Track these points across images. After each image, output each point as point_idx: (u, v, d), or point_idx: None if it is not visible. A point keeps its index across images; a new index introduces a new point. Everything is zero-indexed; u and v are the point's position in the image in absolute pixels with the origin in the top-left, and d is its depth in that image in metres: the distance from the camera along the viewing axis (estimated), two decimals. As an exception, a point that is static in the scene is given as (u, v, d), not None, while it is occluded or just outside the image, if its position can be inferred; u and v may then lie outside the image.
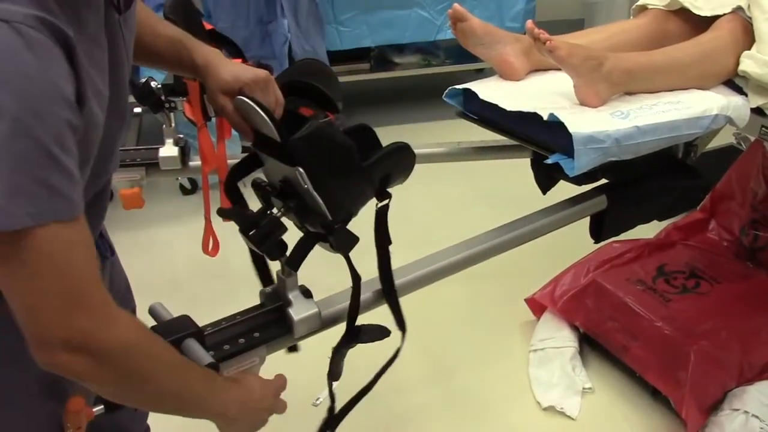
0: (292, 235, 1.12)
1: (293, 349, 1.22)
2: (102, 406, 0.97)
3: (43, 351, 0.81)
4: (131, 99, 1.78)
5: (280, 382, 1.10)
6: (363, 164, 1.09)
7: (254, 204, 1.16)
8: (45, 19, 0.76)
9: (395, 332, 1.21)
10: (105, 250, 1.15)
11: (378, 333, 1.19)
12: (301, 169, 1.03)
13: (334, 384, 1.21)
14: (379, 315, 1.23)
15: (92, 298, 0.81)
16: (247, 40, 3.30)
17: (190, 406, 0.96)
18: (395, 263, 1.22)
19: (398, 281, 1.23)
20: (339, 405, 1.23)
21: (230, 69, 1.15)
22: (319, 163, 1.04)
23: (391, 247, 1.19)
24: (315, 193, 1.04)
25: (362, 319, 1.20)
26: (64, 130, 0.77)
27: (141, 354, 0.87)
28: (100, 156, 0.93)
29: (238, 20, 3.30)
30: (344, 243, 1.08)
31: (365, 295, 1.21)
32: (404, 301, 1.24)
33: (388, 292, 1.22)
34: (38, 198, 0.75)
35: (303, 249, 1.10)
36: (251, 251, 1.20)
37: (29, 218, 0.74)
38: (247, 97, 1.09)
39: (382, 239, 1.17)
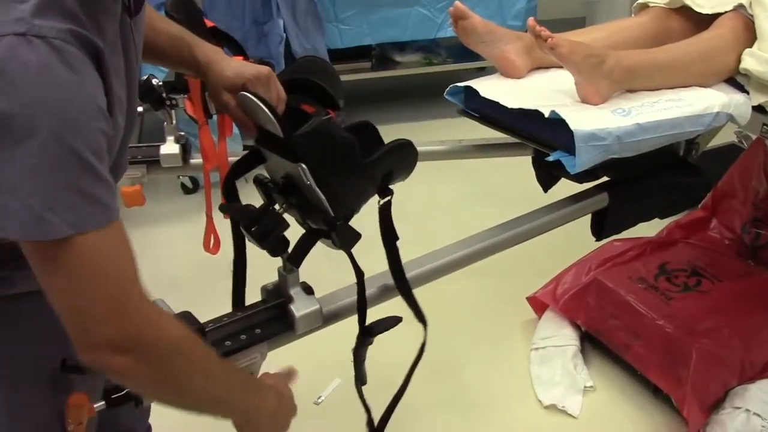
0: (294, 232, 1.12)
1: None
2: (103, 402, 0.98)
3: (88, 352, 0.83)
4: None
5: (294, 405, 1.10)
6: (365, 161, 1.09)
7: (256, 201, 1.16)
8: (76, 31, 0.78)
9: (402, 324, 1.21)
10: None
11: (390, 322, 1.18)
12: (303, 166, 1.03)
13: (335, 383, 1.21)
14: (384, 310, 1.23)
15: (133, 300, 0.84)
16: (243, 41, 3.28)
17: (223, 408, 0.98)
18: (396, 261, 1.22)
19: (401, 278, 1.23)
20: (340, 401, 1.22)
21: (232, 65, 1.15)
22: (321, 159, 1.04)
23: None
24: (317, 190, 1.04)
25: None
26: (100, 139, 0.80)
27: (181, 353, 0.89)
28: (115, 159, 0.95)
29: (233, 21, 3.29)
30: (346, 239, 1.08)
31: (369, 291, 1.21)
32: (406, 299, 1.24)
33: (402, 287, 1.21)
34: (77, 207, 0.77)
35: (305, 245, 1.10)
36: (234, 261, 1.20)
37: (69, 227, 0.77)
38: (250, 93, 1.09)
39: (389, 235, 1.16)
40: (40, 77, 0.74)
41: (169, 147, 1.73)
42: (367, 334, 1.17)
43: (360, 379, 1.21)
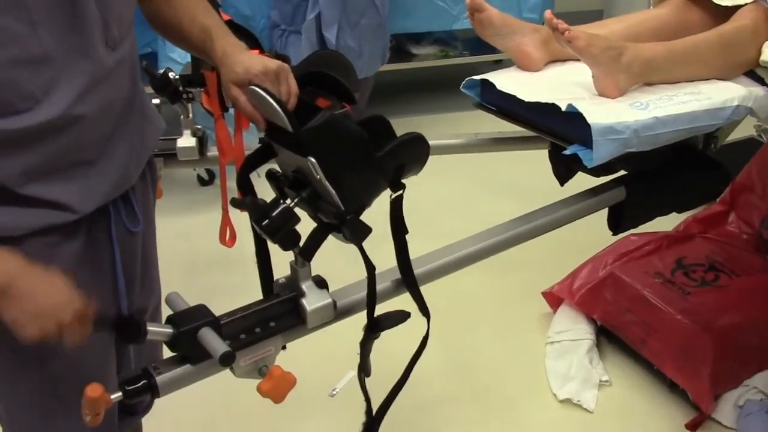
0: (306, 226, 1.12)
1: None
2: (120, 393, 0.98)
3: None
4: (149, 90, 1.80)
5: (84, 307, 0.93)
6: (376, 154, 1.09)
7: (269, 195, 1.16)
8: None
9: (413, 320, 1.21)
10: (132, 221, 1.12)
11: (399, 317, 1.18)
12: (313, 159, 1.03)
13: (350, 375, 1.20)
14: (395, 305, 1.22)
15: None
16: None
17: None
18: (412, 254, 1.22)
19: (415, 272, 1.22)
20: (354, 393, 1.22)
21: (242, 60, 1.14)
22: (331, 153, 1.04)
23: (408, 238, 1.18)
24: (327, 183, 1.04)
25: (380, 309, 1.19)
26: None
27: None
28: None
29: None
30: (357, 233, 1.08)
31: (382, 285, 1.20)
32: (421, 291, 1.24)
33: (408, 280, 1.21)
34: None
35: (316, 239, 1.10)
36: (257, 251, 1.20)
37: None
38: (259, 87, 1.09)
39: (399, 229, 1.16)
40: None
41: (186, 140, 1.74)
42: (374, 328, 1.17)
43: (364, 369, 1.21)
